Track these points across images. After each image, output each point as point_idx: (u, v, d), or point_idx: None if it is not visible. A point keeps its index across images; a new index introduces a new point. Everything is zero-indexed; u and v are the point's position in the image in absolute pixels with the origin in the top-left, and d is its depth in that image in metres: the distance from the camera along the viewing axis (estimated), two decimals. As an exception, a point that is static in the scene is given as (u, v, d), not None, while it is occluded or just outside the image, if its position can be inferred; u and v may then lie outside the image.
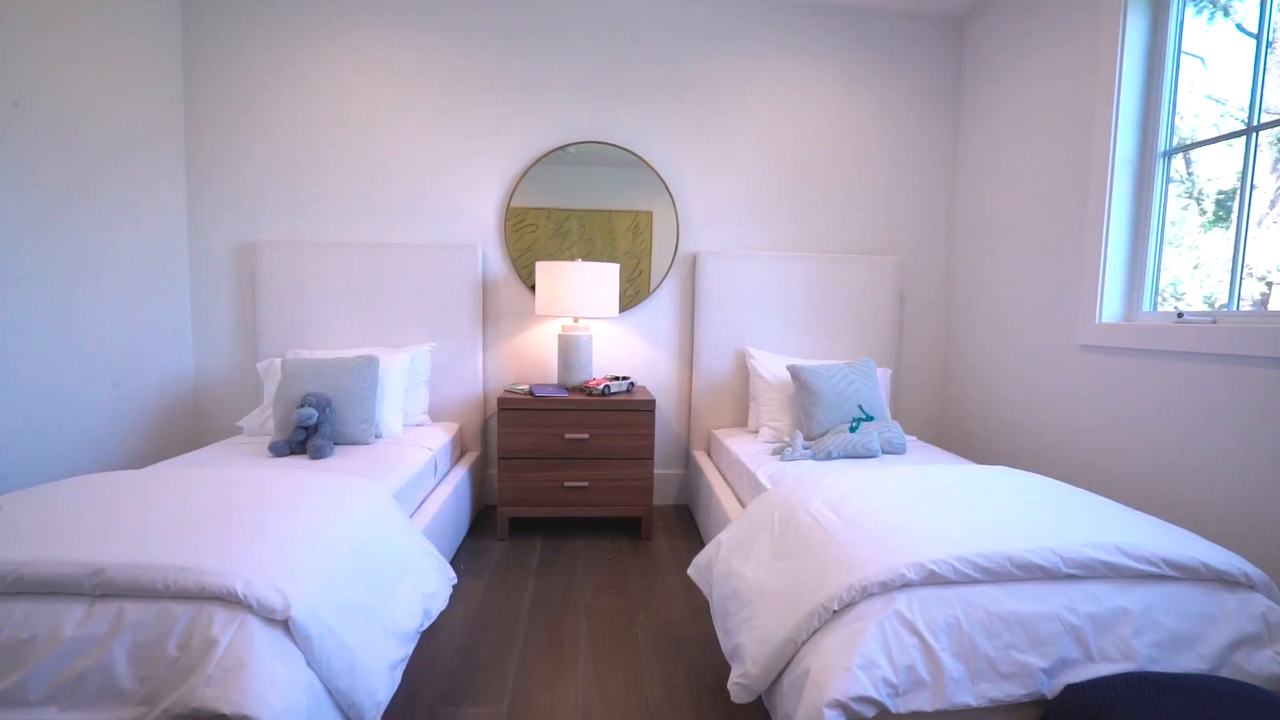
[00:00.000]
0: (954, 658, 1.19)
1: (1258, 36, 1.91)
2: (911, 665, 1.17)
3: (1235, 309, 1.94)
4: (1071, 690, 1.16)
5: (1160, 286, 2.22)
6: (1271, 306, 1.90)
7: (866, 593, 1.26)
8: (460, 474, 2.62)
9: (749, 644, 1.37)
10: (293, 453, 2.19)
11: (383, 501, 1.70)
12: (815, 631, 1.27)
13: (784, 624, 1.32)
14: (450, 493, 2.40)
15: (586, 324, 2.91)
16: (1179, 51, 2.14)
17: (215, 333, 2.90)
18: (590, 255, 3.01)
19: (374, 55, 2.85)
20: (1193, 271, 2.17)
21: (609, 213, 3.02)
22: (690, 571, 1.86)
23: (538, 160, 2.94)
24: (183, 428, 2.83)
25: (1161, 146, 2.16)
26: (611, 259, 3.01)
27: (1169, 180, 2.18)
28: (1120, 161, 2.21)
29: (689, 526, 2.87)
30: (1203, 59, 2.12)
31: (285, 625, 1.14)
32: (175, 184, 2.77)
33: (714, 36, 2.98)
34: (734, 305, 3.03)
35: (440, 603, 1.58)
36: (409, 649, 1.40)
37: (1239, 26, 2.05)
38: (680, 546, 2.62)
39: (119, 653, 1.07)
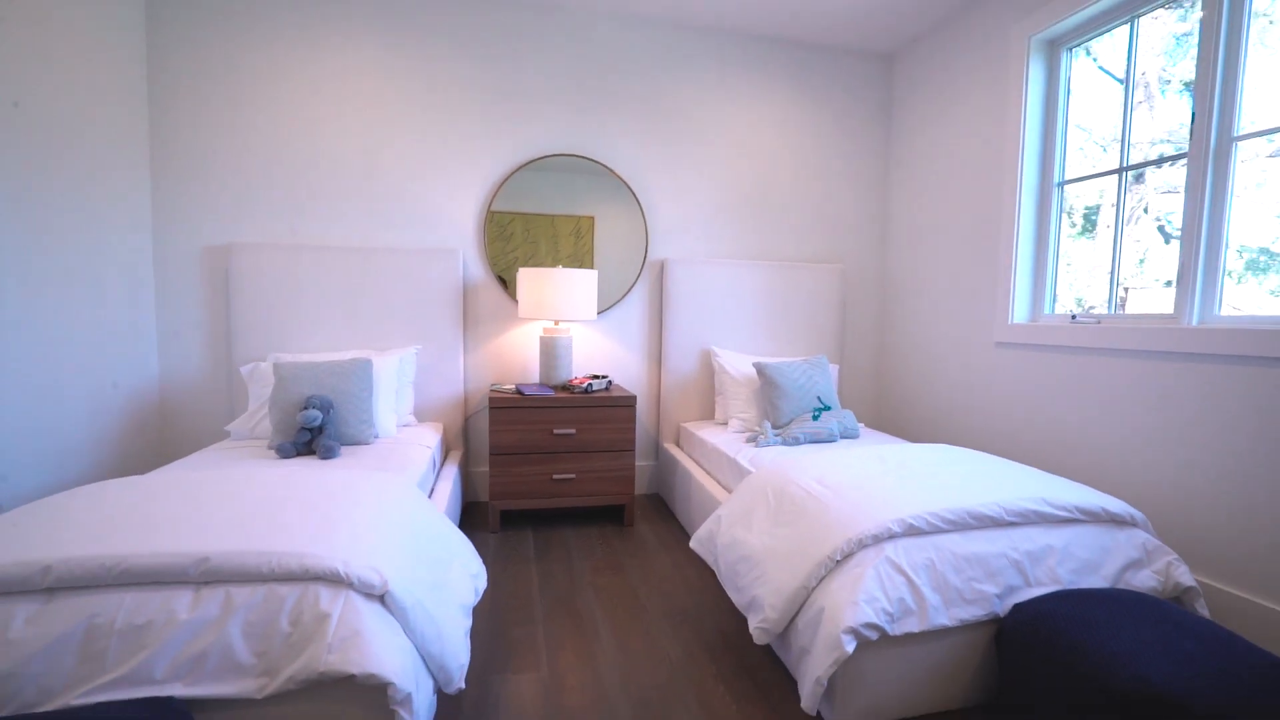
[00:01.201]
0: (932, 590, 1.50)
1: (1125, 84, 2.38)
2: (901, 598, 1.47)
3: (1113, 312, 2.42)
4: (1018, 608, 1.50)
5: (1057, 293, 2.69)
6: (1130, 309, 2.39)
7: (861, 544, 1.55)
8: (452, 471, 2.73)
9: (765, 594, 1.63)
10: (299, 454, 2.24)
11: (417, 493, 1.82)
12: (822, 579, 1.55)
13: (795, 575, 1.58)
14: (450, 488, 2.51)
15: (566, 326, 3.09)
16: (1069, 96, 2.62)
17: (183, 337, 2.83)
18: (533, 259, 3.15)
19: (354, 62, 2.89)
20: (1065, 273, 2.65)
21: (551, 217, 3.16)
22: (693, 544, 2.10)
23: (516, 170, 3.09)
24: (148, 433, 2.75)
25: (1056, 178, 2.63)
26: (554, 262, 3.18)
27: (1063, 206, 2.65)
28: (1025, 189, 2.66)
29: (664, 513, 3.11)
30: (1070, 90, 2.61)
31: (382, 600, 1.28)
32: (139, 184, 2.69)
33: (678, 62, 3.24)
34: (699, 308, 3.30)
35: (483, 581, 1.73)
36: (469, 622, 1.55)
37: (1100, 66, 2.54)
38: (661, 530, 2.85)
39: (234, 631, 1.18)
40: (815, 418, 2.70)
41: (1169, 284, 2.31)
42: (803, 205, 3.49)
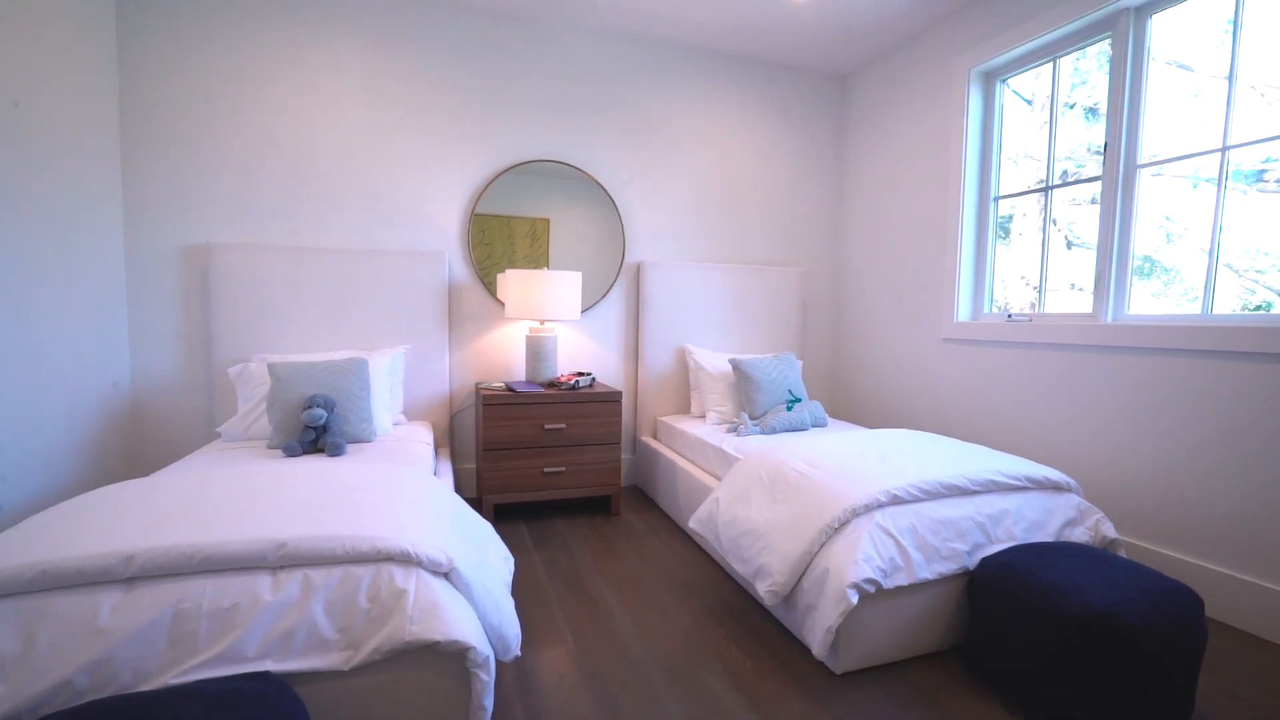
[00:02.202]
0: (915, 549, 1.75)
1: (1050, 114, 2.76)
2: (892, 557, 1.71)
3: (1041, 311, 2.79)
4: (984, 561, 1.77)
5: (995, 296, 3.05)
6: (1048, 309, 2.77)
7: (855, 513, 1.78)
8: (446, 467, 2.80)
9: (772, 562, 1.84)
10: (305, 452, 2.26)
11: (443, 484, 1.91)
12: (824, 544, 1.77)
13: (799, 543, 1.80)
14: (449, 482, 2.59)
15: (551, 326, 3.20)
16: (1002, 121, 2.98)
17: (156, 338, 2.76)
18: (489, 260, 3.22)
19: (337, 66, 2.90)
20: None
21: (508, 219, 3.24)
22: (692, 524, 2.29)
23: (500, 174, 3.18)
24: (120, 435, 2.66)
25: (992, 193, 2.99)
26: (511, 264, 3.25)
27: (998, 219, 3.01)
28: (966, 202, 3.01)
29: (645, 502, 3.28)
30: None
31: (447, 576, 1.39)
32: (109, 183, 2.60)
33: (653, 76, 3.42)
34: (673, 308, 3.49)
35: (511, 565, 1.84)
36: (511, 599, 1.67)
37: (1016, 92, 2.92)
38: (646, 518, 3.02)
39: (316, 610, 1.26)
40: (789, 408, 2.95)
41: (1074, 286, 2.70)
42: (767, 212, 3.75)
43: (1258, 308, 2.12)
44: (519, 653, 1.49)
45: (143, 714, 1.00)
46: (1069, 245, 2.78)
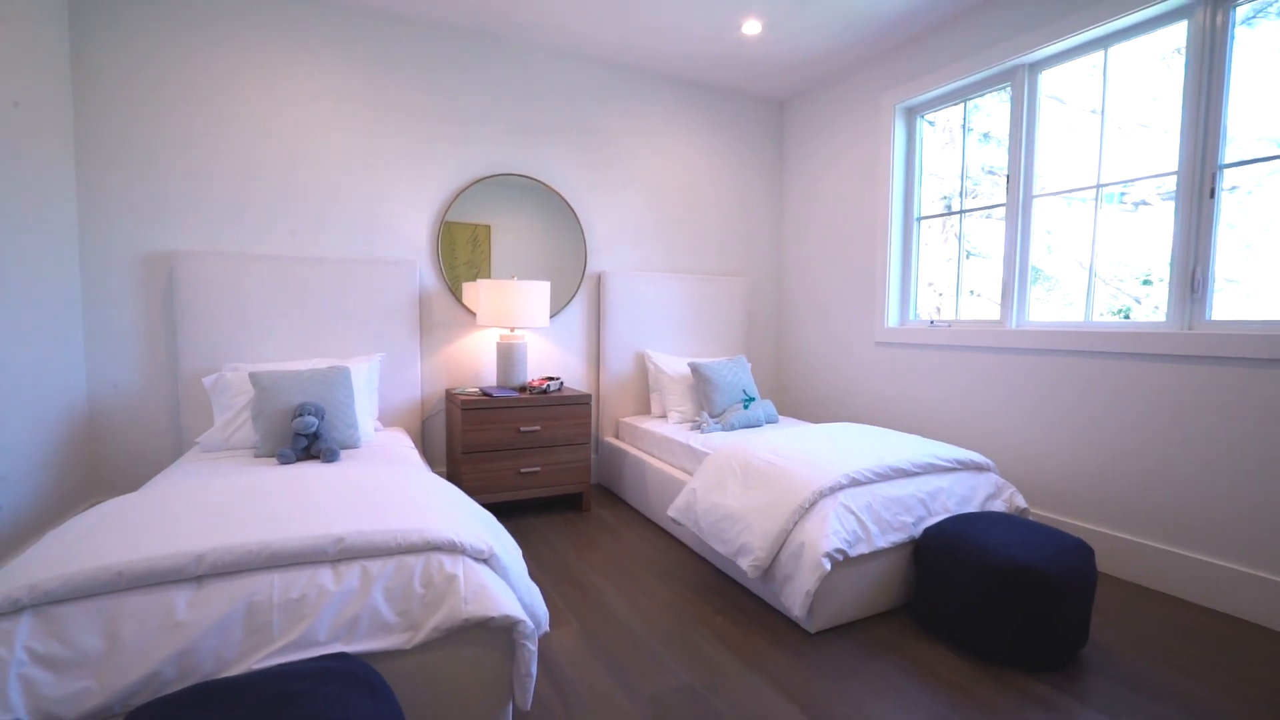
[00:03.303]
0: (872, 523, 2.06)
1: (962, 150, 3.20)
2: (854, 530, 2.01)
3: (958, 317, 3.23)
4: (927, 530, 2.10)
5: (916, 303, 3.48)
6: (944, 315, 3.22)
7: (822, 494, 2.07)
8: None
9: (753, 540, 2.10)
10: (300, 459, 2.30)
11: (449, 484, 2.04)
12: (798, 522, 2.05)
13: (775, 522, 2.07)
14: (434, 485, 2.68)
15: (521, 333, 3.34)
16: (922, 151, 3.41)
17: (115, 349, 2.68)
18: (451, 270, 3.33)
19: (306, 76, 2.92)
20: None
21: (448, 224, 3.31)
22: (671, 513, 2.52)
23: (468, 186, 3.28)
24: (77, 447, 2.57)
25: (916, 214, 3.42)
26: (451, 268, 3.32)
27: (918, 236, 3.44)
28: (894, 221, 3.42)
29: (612, 498, 3.48)
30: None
31: (487, 561, 1.55)
32: (63, 187, 2.52)
33: (610, 96, 3.64)
34: (632, 315, 3.72)
35: (519, 552, 1.99)
36: (529, 583, 1.83)
37: (929, 122, 3.38)
38: (615, 513, 3.22)
39: (377, 597, 1.39)
40: (745, 407, 3.24)
41: (973, 293, 3.16)
42: (716, 225, 4.05)
43: (1118, 311, 2.61)
44: (548, 628, 1.66)
45: (248, 690, 1.11)
46: (967, 255, 3.24)
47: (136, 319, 2.71)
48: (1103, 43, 2.56)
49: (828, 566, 1.89)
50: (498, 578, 1.53)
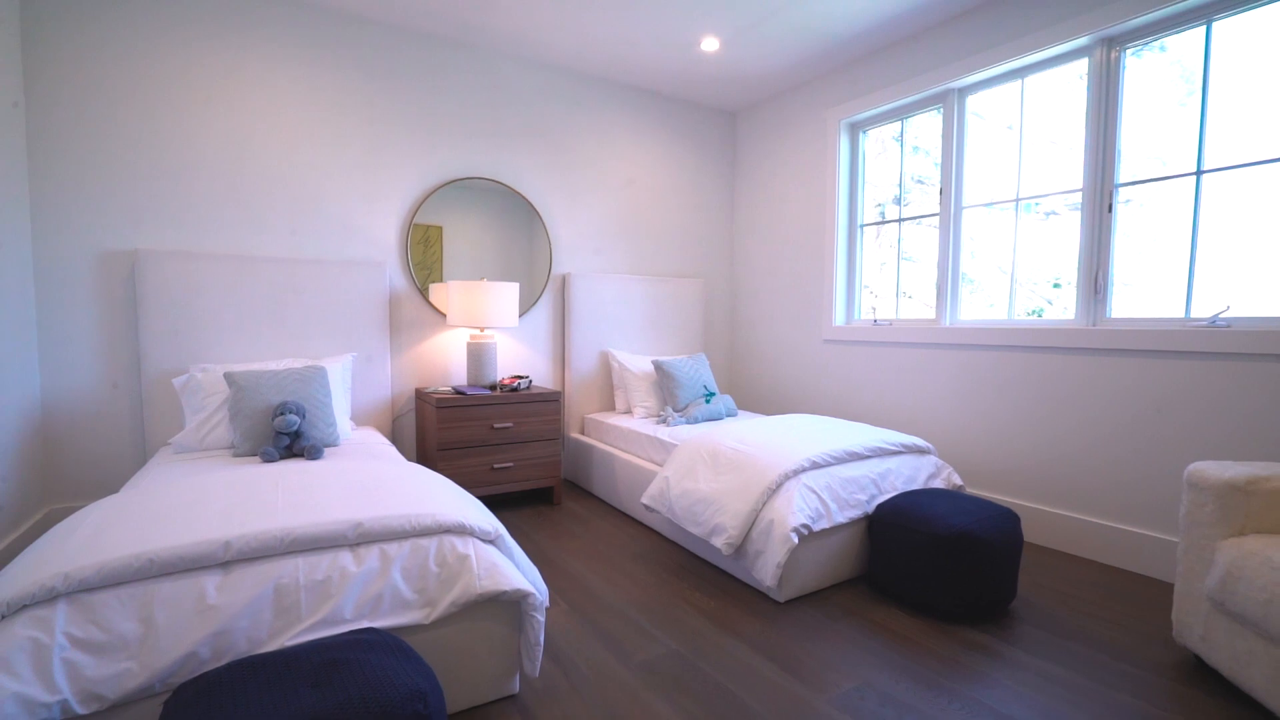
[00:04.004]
0: (831, 501, 2.28)
1: (900, 166, 3.52)
2: (816, 507, 2.23)
3: (898, 317, 3.54)
4: (879, 506, 2.34)
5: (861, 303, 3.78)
6: (881, 315, 3.53)
7: (787, 477, 2.28)
8: (402, 468, 2.92)
9: (726, 520, 2.28)
10: (283, 457, 2.32)
11: (440, 475, 2.12)
12: (766, 502, 2.24)
13: (746, 503, 2.26)
14: (412, 482, 2.73)
15: (490, 333, 3.42)
16: (865, 163, 3.71)
17: (72, 350, 2.60)
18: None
19: (273, 75, 2.91)
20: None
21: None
22: (645, 501, 2.67)
23: (437, 188, 3.34)
24: (30, 455, 2.48)
25: (859, 222, 3.71)
26: (404, 268, 3.36)
27: (863, 242, 3.74)
28: (840, 228, 3.71)
29: (580, 491, 3.61)
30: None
31: (493, 542, 1.66)
32: (13, 183, 2.43)
33: (574, 103, 3.76)
34: (596, 316, 3.85)
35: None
36: (523, 565, 1.94)
37: (897, 138, 3.69)
38: (585, 505, 3.35)
39: (396, 577, 1.48)
40: (707, 401, 3.44)
41: (906, 295, 3.48)
42: (672, 229, 4.24)
43: (1032, 311, 2.96)
44: (548, 603, 1.78)
45: (294, 661, 1.20)
46: (902, 260, 3.56)
47: (95, 320, 2.64)
48: (1020, 73, 2.90)
49: (795, 540, 2.10)
50: (503, 557, 1.65)
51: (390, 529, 1.52)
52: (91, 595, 1.23)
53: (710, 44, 3.36)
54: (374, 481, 1.81)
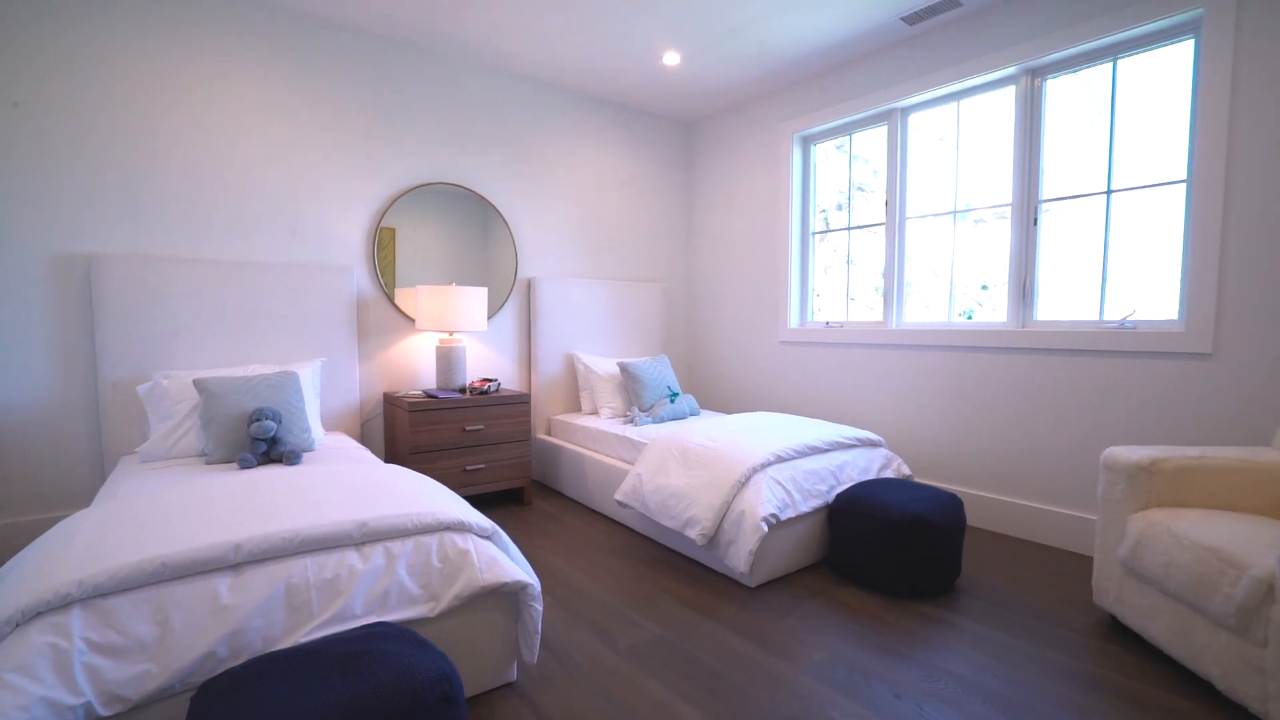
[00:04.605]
0: (796, 492, 2.46)
1: (848, 180, 3.76)
2: (783, 498, 2.40)
3: (847, 321, 3.78)
4: (838, 495, 2.53)
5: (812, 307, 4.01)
6: (823, 316, 3.78)
7: (755, 470, 2.45)
8: (374, 472, 2.93)
9: (699, 512, 2.42)
10: (261, 464, 2.31)
11: (427, 477, 2.17)
12: (736, 494, 2.40)
13: (718, 495, 2.41)
14: (388, 485, 2.75)
15: (459, 336, 3.45)
16: (817, 174, 3.94)
17: (20, 357, 2.50)
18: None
19: (234, 77, 2.87)
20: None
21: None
22: (618, 497, 2.79)
23: (403, 193, 3.35)
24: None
25: (811, 230, 3.94)
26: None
27: (814, 248, 3.97)
28: (793, 235, 3.92)
29: (549, 491, 3.68)
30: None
31: (490, 538, 1.74)
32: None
33: (539, 111, 3.84)
34: (561, 319, 3.94)
35: (497, 538, 2.17)
36: (512, 561, 2.02)
37: (839, 148, 3.93)
38: (555, 504, 3.44)
39: (401, 573, 1.55)
40: (672, 401, 3.58)
41: (851, 298, 3.73)
42: (633, 235, 4.36)
43: (963, 313, 3.24)
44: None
45: (316, 655, 1.25)
46: (846, 264, 3.81)
47: (47, 326, 2.54)
48: (956, 96, 3.18)
49: (765, 529, 2.26)
50: (500, 551, 1.73)
51: (394, 528, 1.58)
52: (106, 600, 1.25)
53: (672, 58, 3.51)
54: (368, 483, 1.85)
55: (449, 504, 1.75)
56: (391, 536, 1.58)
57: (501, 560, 1.66)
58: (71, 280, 2.58)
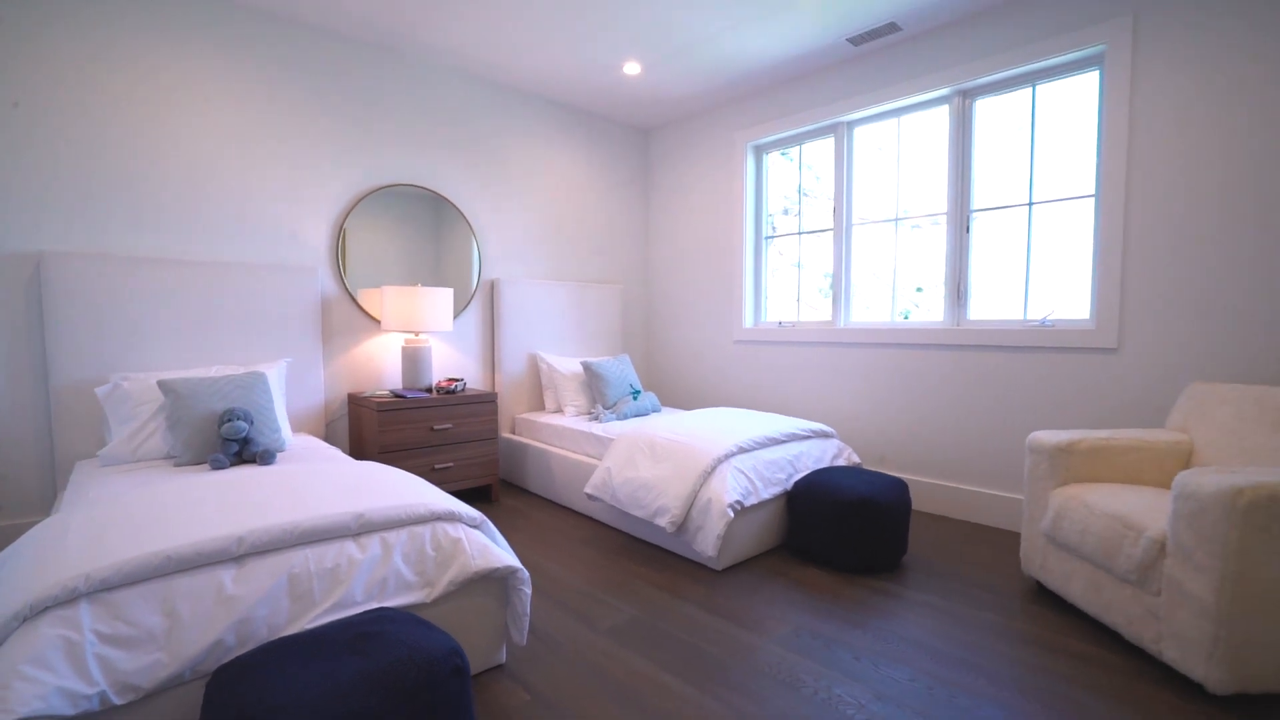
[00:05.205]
0: (758, 480, 2.63)
1: (798, 189, 3.99)
2: (746, 486, 2.57)
3: (798, 321, 4.00)
4: (796, 483, 2.72)
5: (766, 308, 4.22)
6: (773, 316, 4.01)
7: (720, 461, 2.60)
8: (343, 473, 2.93)
9: (668, 502, 2.56)
10: (233, 464, 2.30)
11: (408, 472, 2.22)
12: (703, 483, 2.55)
13: (686, 485, 2.55)
14: (359, 484, 2.77)
15: (425, 337, 3.47)
16: (768, 181, 4.15)
17: (-36, 361, 2.39)
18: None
19: (198, 75, 2.82)
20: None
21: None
22: (588, 490, 2.90)
23: (367, 194, 3.35)
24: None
25: (764, 234, 4.15)
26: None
27: (766, 252, 4.18)
28: (747, 240, 4.12)
29: (515, 489, 3.74)
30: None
31: (479, 527, 1.82)
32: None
33: (502, 116, 3.90)
34: (523, 320, 4.01)
35: (477, 531, 2.24)
36: (494, 551, 2.10)
37: (783, 153, 4.16)
38: (523, 501, 3.51)
39: (398, 561, 1.62)
40: (635, 398, 3.71)
41: (797, 299, 3.97)
42: (594, 237, 4.47)
43: (901, 313, 3.51)
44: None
45: (325, 638, 1.31)
46: (798, 267, 4.05)
47: (-7, 327, 2.44)
48: (897, 112, 3.44)
49: (731, 515, 2.42)
50: (489, 539, 1.82)
51: (389, 518, 1.65)
52: (112, 594, 1.27)
53: (633, 68, 3.64)
54: (354, 479, 1.90)
55: (438, 496, 1.83)
56: (387, 527, 1.65)
57: (492, 547, 1.75)
58: (18, 280, 2.48)
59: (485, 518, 1.84)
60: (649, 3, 2.92)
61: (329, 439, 3.33)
